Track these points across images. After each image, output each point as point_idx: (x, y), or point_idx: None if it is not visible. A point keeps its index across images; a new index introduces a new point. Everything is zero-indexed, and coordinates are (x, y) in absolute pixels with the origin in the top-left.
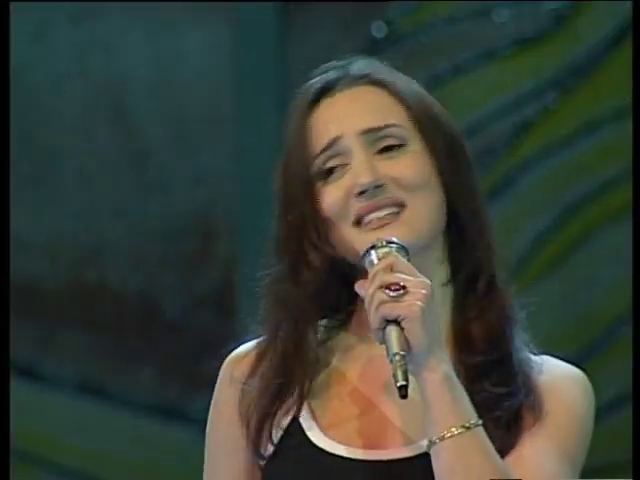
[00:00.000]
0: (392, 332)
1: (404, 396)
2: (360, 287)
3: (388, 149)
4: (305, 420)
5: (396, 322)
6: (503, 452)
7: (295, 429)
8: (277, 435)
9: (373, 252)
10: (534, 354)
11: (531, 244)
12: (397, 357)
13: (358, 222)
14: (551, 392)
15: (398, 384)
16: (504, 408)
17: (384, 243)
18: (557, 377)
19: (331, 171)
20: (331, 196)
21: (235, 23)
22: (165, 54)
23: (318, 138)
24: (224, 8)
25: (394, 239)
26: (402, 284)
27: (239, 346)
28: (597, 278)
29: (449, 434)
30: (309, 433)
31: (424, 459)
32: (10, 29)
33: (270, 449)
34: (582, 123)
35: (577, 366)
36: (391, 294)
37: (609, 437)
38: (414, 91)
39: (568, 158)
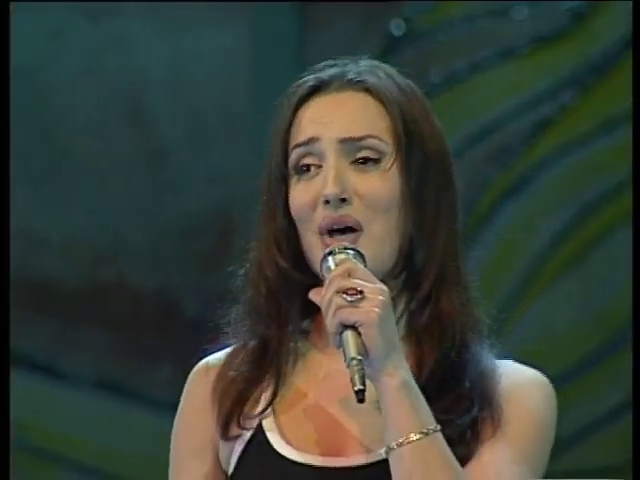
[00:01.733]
0: (349, 337)
1: (361, 400)
2: (315, 295)
3: (363, 161)
4: (268, 427)
5: (353, 327)
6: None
7: (258, 436)
8: (246, 422)
9: (330, 258)
10: (497, 358)
11: (548, 243)
12: (354, 362)
13: (321, 233)
14: (511, 398)
15: (355, 388)
16: (454, 426)
17: (341, 249)
18: (518, 383)
19: (308, 169)
20: (299, 199)
21: (252, 22)
22: (181, 53)
23: (299, 134)
24: (241, 7)
25: (351, 245)
26: (359, 289)
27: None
28: (614, 277)
29: (408, 440)
30: (272, 441)
31: (383, 466)
32: (15, 29)
33: (238, 432)
34: (599, 122)
35: (539, 369)
36: (348, 299)
37: (625, 437)
38: (406, 102)
39: (585, 157)
